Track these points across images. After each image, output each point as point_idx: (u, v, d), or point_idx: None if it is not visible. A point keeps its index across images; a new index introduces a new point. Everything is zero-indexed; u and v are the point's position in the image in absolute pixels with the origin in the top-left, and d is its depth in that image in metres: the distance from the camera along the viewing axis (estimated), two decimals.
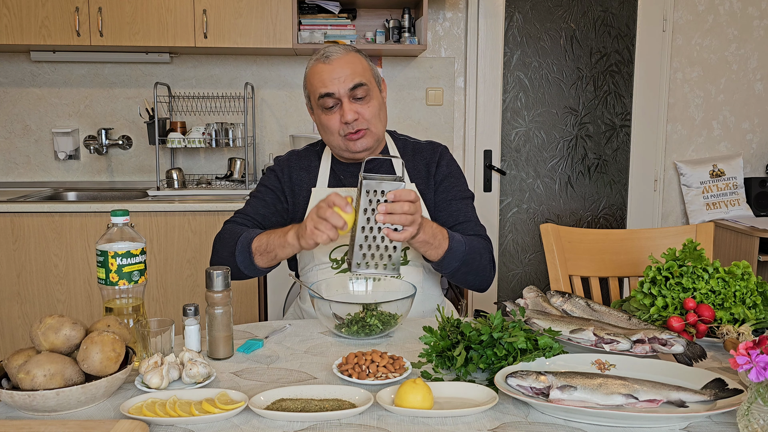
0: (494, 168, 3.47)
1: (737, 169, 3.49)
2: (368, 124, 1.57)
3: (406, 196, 1.30)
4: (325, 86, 1.54)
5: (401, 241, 1.33)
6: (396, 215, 1.29)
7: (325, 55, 1.57)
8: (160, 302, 2.82)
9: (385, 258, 1.35)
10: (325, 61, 1.55)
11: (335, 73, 1.54)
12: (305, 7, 3.10)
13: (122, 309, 1.24)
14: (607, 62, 3.48)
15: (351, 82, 1.54)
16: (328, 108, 1.57)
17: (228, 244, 1.53)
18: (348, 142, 1.58)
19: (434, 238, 1.44)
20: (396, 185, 1.31)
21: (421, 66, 3.42)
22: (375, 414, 1.01)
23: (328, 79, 1.54)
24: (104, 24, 2.91)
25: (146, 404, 1.02)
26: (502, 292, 3.59)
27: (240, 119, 3.31)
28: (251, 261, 1.49)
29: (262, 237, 1.48)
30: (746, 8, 3.49)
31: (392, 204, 1.29)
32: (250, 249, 1.48)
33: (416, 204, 1.32)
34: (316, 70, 1.57)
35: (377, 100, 1.60)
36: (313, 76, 1.58)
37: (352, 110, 1.54)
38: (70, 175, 3.36)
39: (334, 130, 1.58)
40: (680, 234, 1.84)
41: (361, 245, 1.33)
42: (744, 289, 1.35)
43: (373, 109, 1.58)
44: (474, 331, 1.16)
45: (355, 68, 1.55)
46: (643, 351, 1.17)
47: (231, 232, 1.56)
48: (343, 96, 1.54)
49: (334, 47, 1.58)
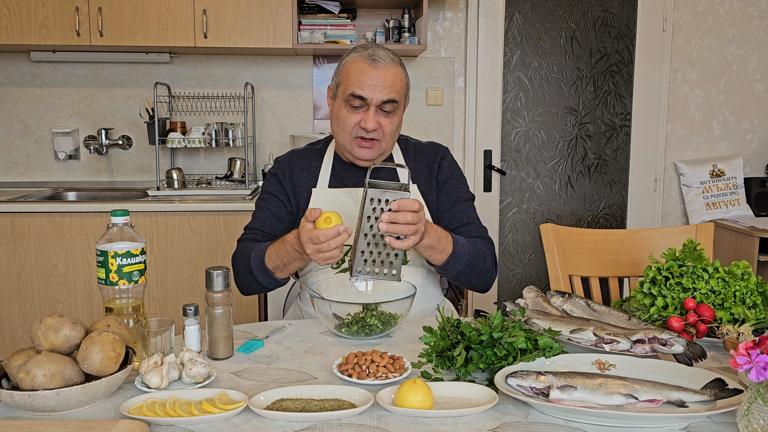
0: (494, 168, 3.47)
1: (737, 169, 3.49)
2: (383, 138, 1.57)
3: (409, 206, 1.30)
4: (361, 88, 1.53)
5: (403, 249, 1.33)
6: (399, 225, 1.29)
7: (372, 57, 1.54)
8: (160, 302, 2.82)
9: (386, 264, 1.35)
10: (372, 63, 1.53)
11: (376, 80, 1.52)
12: (305, 7, 3.10)
13: (122, 309, 1.24)
14: (607, 62, 3.48)
15: (387, 96, 1.53)
16: (353, 106, 1.55)
17: (243, 266, 1.55)
18: (355, 146, 1.58)
19: (439, 243, 1.44)
20: (400, 195, 1.31)
21: (421, 66, 3.42)
22: (375, 414, 1.01)
23: (366, 83, 1.52)
24: (104, 24, 2.91)
25: (146, 404, 1.02)
26: (502, 292, 3.59)
27: (240, 119, 3.31)
28: (273, 277, 1.51)
29: (272, 256, 1.48)
30: (746, 8, 3.49)
31: (395, 214, 1.29)
32: (267, 269, 1.49)
33: (419, 214, 1.32)
34: (359, 68, 1.54)
35: (399, 117, 1.60)
36: (352, 71, 1.55)
37: (374, 120, 1.54)
38: (70, 175, 3.36)
39: (349, 128, 1.57)
40: (680, 234, 1.84)
41: (363, 251, 1.33)
42: (744, 289, 1.35)
43: (393, 126, 1.58)
44: (474, 331, 1.17)
45: (394, 83, 1.54)
46: (643, 351, 1.17)
47: (242, 252, 1.57)
48: (372, 103, 1.54)
49: (384, 52, 1.56)
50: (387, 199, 1.31)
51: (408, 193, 1.32)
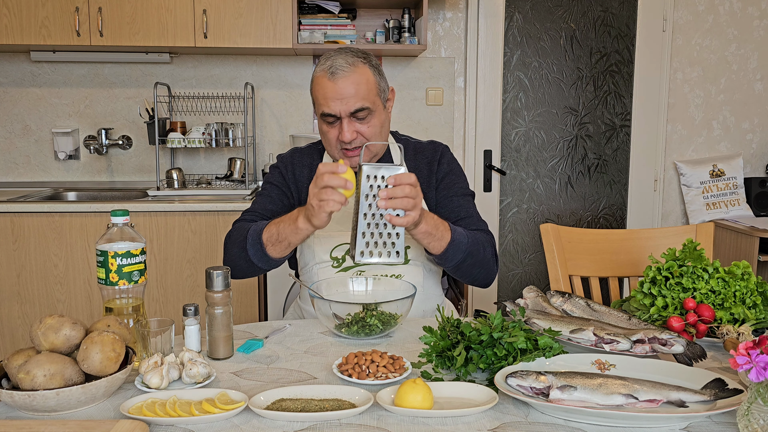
0: (494, 168, 3.47)
1: (737, 169, 3.49)
2: (367, 141, 1.56)
3: (406, 179, 1.30)
4: (327, 105, 1.51)
5: (404, 225, 1.31)
6: (397, 199, 1.28)
7: (331, 70, 1.50)
8: (160, 302, 2.82)
9: (388, 245, 1.33)
10: (331, 77, 1.50)
11: (338, 93, 1.49)
12: (305, 7, 3.10)
13: (122, 309, 1.24)
14: (607, 62, 3.48)
15: (353, 106, 1.50)
16: (329, 123, 1.55)
17: (238, 240, 1.53)
18: (344, 156, 1.58)
19: (436, 229, 1.43)
20: (395, 169, 1.31)
21: (421, 66, 3.42)
22: (375, 414, 1.01)
23: (330, 98, 1.50)
24: (104, 24, 2.91)
25: (146, 404, 1.02)
26: (502, 292, 3.59)
27: (240, 119, 3.31)
28: (264, 252, 1.48)
29: (271, 227, 1.47)
30: (746, 8, 3.49)
31: (393, 189, 1.28)
32: (261, 240, 1.47)
33: (416, 188, 1.31)
34: (321, 84, 1.52)
35: (379, 119, 1.56)
36: (317, 89, 1.54)
37: (351, 130, 1.52)
38: (70, 175, 3.36)
39: (332, 142, 1.57)
40: (680, 234, 1.84)
41: (364, 233, 1.32)
42: (744, 289, 1.35)
43: (374, 128, 1.55)
44: (474, 331, 1.17)
45: (359, 89, 1.50)
46: (643, 351, 1.17)
47: (240, 229, 1.56)
48: (343, 116, 1.52)
49: (341, 60, 1.51)
50: (383, 176, 1.30)
51: (403, 167, 1.31)
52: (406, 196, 1.29)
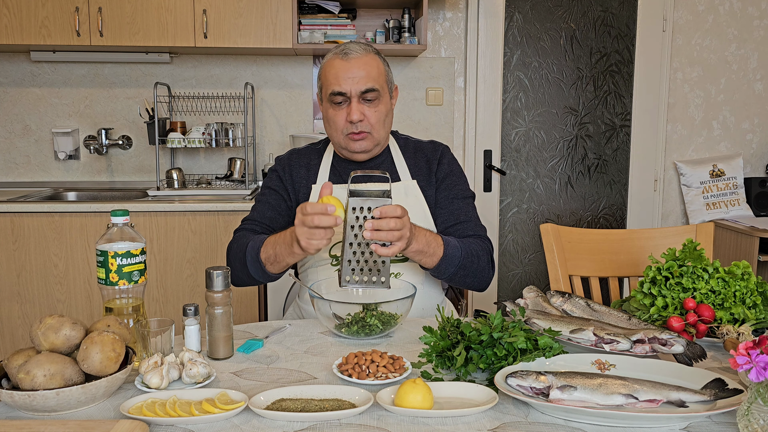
0: (494, 168, 3.47)
1: (737, 169, 3.49)
2: (371, 128, 1.59)
3: (392, 212, 1.29)
4: (338, 84, 1.56)
5: (389, 256, 1.31)
6: (383, 232, 1.28)
7: (344, 51, 1.57)
8: (160, 302, 2.82)
9: (374, 272, 1.34)
10: (344, 57, 1.57)
11: (351, 72, 1.55)
12: (305, 7, 3.10)
13: (122, 309, 1.24)
14: (607, 62, 3.48)
15: (364, 85, 1.55)
16: (337, 104, 1.58)
17: (238, 256, 1.55)
18: (348, 141, 1.60)
19: (428, 247, 1.44)
20: (382, 202, 1.30)
21: (421, 66, 3.41)
22: (375, 414, 1.01)
23: (342, 77, 1.55)
24: (104, 24, 2.91)
25: (146, 404, 1.02)
26: (502, 292, 3.59)
27: (240, 119, 3.31)
28: (264, 270, 1.50)
29: (268, 248, 1.48)
30: (746, 8, 3.49)
31: (378, 221, 1.28)
32: (260, 260, 1.49)
33: (403, 220, 1.31)
34: (333, 65, 1.58)
35: (385, 105, 1.61)
36: (328, 70, 1.59)
37: (359, 110, 1.56)
38: (70, 175, 3.36)
39: (339, 126, 1.59)
40: (680, 234, 1.84)
41: (350, 260, 1.33)
42: (744, 289, 1.35)
43: (380, 114, 1.59)
44: (474, 331, 1.16)
45: (370, 71, 1.57)
46: (643, 351, 1.17)
47: (239, 241, 1.57)
48: (353, 96, 1.56)
49: (355, 45, 1.59)
50: (369, 207, 1.30)
51: (390, 200, 1.30)
52: (391, 229, 1.29)
